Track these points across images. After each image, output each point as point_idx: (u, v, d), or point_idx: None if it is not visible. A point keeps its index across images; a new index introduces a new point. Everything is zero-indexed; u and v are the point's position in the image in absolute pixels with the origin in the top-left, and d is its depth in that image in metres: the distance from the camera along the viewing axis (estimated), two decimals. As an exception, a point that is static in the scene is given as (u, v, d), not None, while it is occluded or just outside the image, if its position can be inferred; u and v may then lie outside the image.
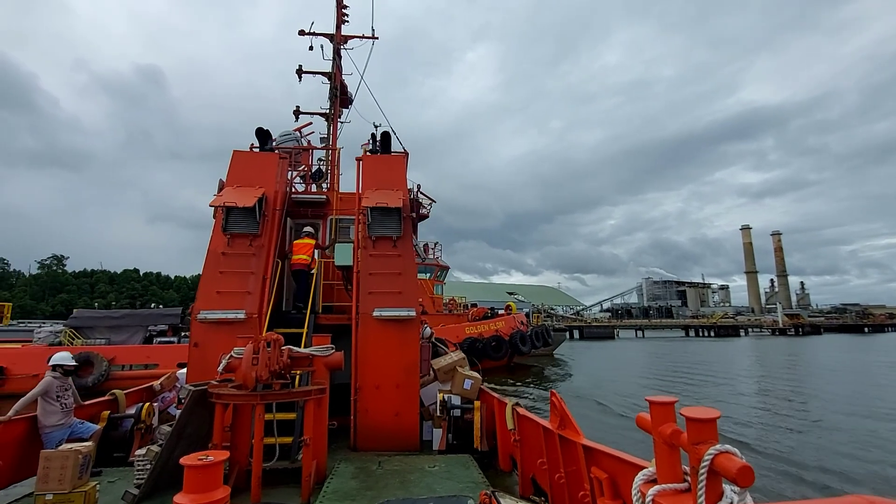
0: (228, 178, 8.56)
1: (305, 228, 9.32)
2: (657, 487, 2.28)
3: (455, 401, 7.67)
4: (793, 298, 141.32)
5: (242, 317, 7.35)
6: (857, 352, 41.46)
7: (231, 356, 5.37)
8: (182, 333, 20.08)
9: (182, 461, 3.55)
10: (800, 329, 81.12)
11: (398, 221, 8.24)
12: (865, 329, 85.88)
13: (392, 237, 8.20)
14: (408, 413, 7.38)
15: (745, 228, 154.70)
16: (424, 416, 7.90)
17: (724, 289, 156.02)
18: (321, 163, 13.71)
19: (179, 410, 5.64)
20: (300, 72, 15.25)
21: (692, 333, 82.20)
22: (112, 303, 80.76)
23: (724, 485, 2.07)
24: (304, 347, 6.13)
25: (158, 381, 8.33)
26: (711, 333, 79.97)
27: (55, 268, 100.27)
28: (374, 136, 9.79)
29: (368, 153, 9.61)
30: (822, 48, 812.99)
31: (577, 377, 24.09)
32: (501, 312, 30.33)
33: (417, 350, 7.76)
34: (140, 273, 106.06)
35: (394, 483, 5.50)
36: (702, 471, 2.02)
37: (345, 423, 7.38)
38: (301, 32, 14.92)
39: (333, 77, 14.92)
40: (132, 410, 7.28)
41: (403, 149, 10.39)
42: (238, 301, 7.50)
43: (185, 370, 7.64)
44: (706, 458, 2.01)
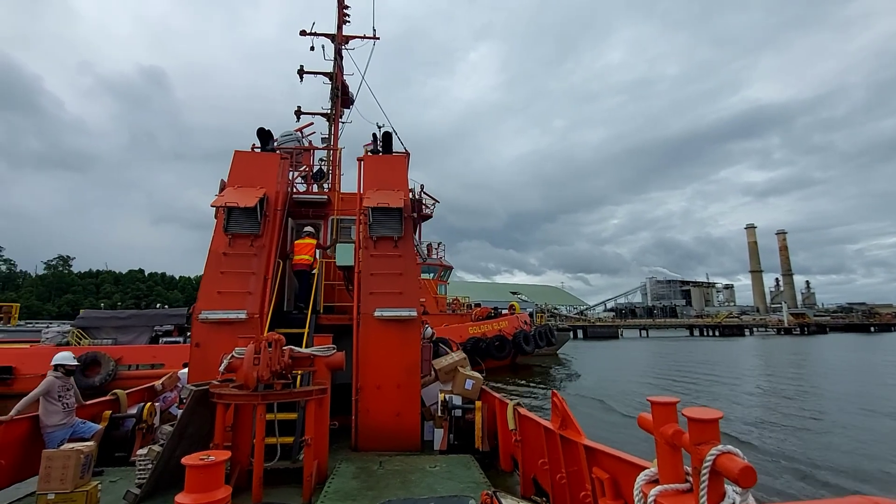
0: (230, 179, 8.57)
1: (306, 228, 9.32)
2: (659, 488, 2.28)
3: (456, 401, 7.66)
4: (798, 298, 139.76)
5: (244, 317, 7.36)
6: (864, 351, 41.23)
7: (232, 356, 5.37)
8: (188, 334, 20.10)
9: (183, 461, 3.56)
10: (805, 328, 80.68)
11: (399, 222, 8.24)
12: (872, 328, 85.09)
13: (393, 237, 8.20)
14: (409, 413, 7.38)
15: (750, 227, 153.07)
16: (426, 417, 7.90)
17: (729, 288, 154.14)
18: (322, 163, 13.75)
19: (181, 410, 5.65)
20: (301, 72, 15.28)
21: (696, 333, 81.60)
22: (118, 303, 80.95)
23: (727, 485, 2.06)
24: (306, 347, 6.14)
25: (160, 381, 8.34)
26: (716, 333, 79.47)
27: (61, 268, 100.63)
28: (376, 137, 9.79)
29: (370, 153, 9.61)
30: (828, 45, 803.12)
31: (581, 377, 24.00)
32: (505, 312, 30.27)
33: (419, 350, 7.75)
34: (145, 273, 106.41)
35: (395, 483, 5.50)
36: (704, 471, 2.02)
37: (346, 424, 7.38)
38: (302, 33, 14.95)
39: (334, 77, 14.95)
40: (134, 410, 7.28)
41: (405, 149, 10.40)
42: (239, 301, 7.51)
43: (187, 370, 7.66)
44: (708, 459, 2.01)
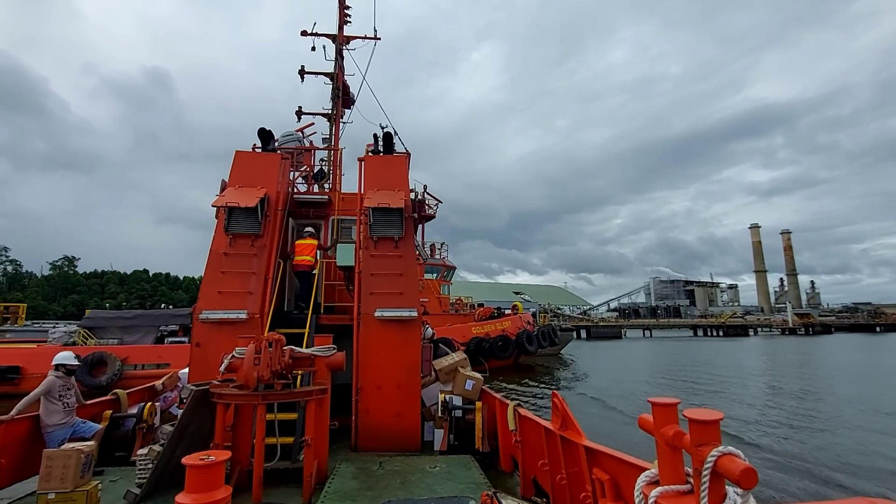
0: (231, 179, 8.58)
1: (307, 229, 9.33)
2: (659, 489, 2.27)
3: (456, 401, 7.65)
4: (803, 298, 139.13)
5: (244, 317, 7.36)
6: (869, 351, 41.00)
7: (233, 356, 5.37)
8: (193, 334, 20.20)
9: (184, 461, 3.56)
10: (810, 328, 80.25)
11: (400, 222, 8.24)
12: (877, 328, 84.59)
13: (394, 238, 8.20)
14: (409, 413, 7.38)
15: (754, 227, 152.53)
16: (426, 417, 7.89)
17: (733, 288, 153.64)
18: (323, 163, 13.76)
19: (181, 410, 5.65)
20: (302, 72, 15.31)
21: (700, 333, 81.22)
22: (122, 303, 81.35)
23: (728, 487, 2.06)
24: (306, 348, 6.14)
25: (160, 381, 8.34)
26: (720, 333, 79.00)
27: (66, 269, 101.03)
28: (377, 137, 9.79)
29: (371, 153, 9.62)
30: (833, 43, 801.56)
31: (584, 377, 23.94)
32: (508, 312, 30.26)
33: (419, 350, 7.75)
34: (149, 274, 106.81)
35: (395, 483, 5.50)
36: (705, 473, 2.01)
37: (346, 424, 7.38)
38: (303, 33, 14.97)
39: (335, 77, 14.97)
40: (134, 410, 7.28)
41: (405, 149, 10.40)
42: (240, 301, 7.51)
43: (187, 370, 7.66)
44: (709, 460, 2.01)
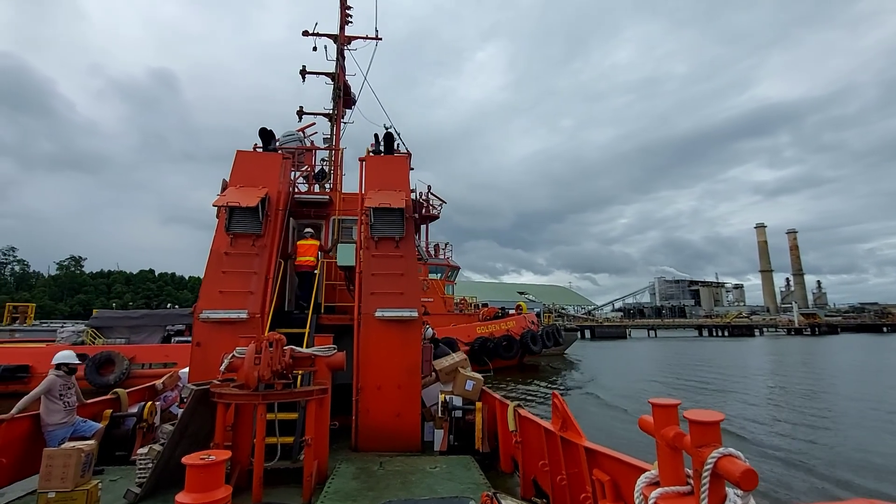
0: (232, 178, 8.58)
1: (306, 230, 9.34)
2: (660, 490, 2.27)
3: (457, 402, 7.64)
4: (809, 298, 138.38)
5: (245, 316, 7.37)
6: (876, 352, 40.75)
7: (233, 356, 5.38)
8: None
9: (184, 460, 3.56)
10: (816, 329, 79.64)
11: (401, 222, 8.24)
12: (884, 329, 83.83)
13: (394, 238, 8.20)
14: (409, 414, 7.38)
15: (760, 226, 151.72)
16: (426, 417, 7.89)
17: (739, 288, 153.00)
18: (324, 163, 13.77)
19: (181, 410, 5.65)
20: (304, 72, 15.33)
21: (705, 333, 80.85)
22: (129, 303, 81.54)
23: (728, 488, 2.06)
24: (307, 347, 6.14)
25: (161, 380, 8.35)
26: (725, 333, 78.57)
27: (73, 269, 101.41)
28: (378, 137, 9.80)
29: (371, 153, 9.63)
30: (838, 42, 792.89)
31: (590, 376, 23.87)
32: (512, 312, 30.23)
33: (419, 351, 7.75)
34: (155, 274, 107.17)
35: (395, 484, 5.50)
36: (705, 474, 2.01)
37: (346, 424, 7.38)
38: (305, 33, 14.99)
39: (336, 77, 14.98)
40: (134, 409, 7.29)
41: (406, 150, 10.40)
42: (240, 301, 7.51)
43: (187, 369, 7.67)
44: (709, 461, 2.00)
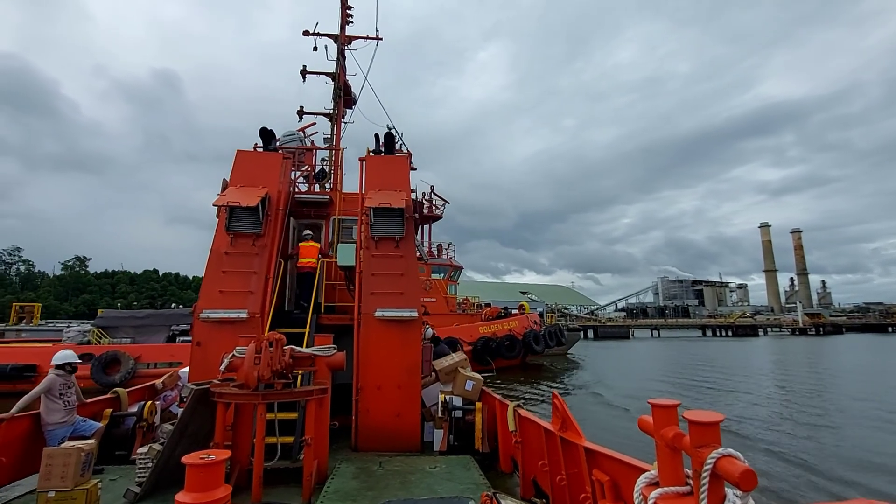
0: (232, 178, 8.58)
1: (305, 232, 9.35)
2: (659, 490, 2.27)
3: (456, 402, 7.64)
4: (814, 297, 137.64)
5: (245, 316, 7.37)
6: (881, 352, 40.65)
7: (233, 355, 5.37)
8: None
9: (184, 460, 3.56)
10: (820, 329, 79.50)
11: (401, 222, 8.24)
12: (889, 328, 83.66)
13: (394, 238, 8.20)
14: (409, 414, 7.38)
15: (764, 226, 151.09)
16: (426, 417, 7.89)
17: (743, 288, 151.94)
18: (324, 163, 13.78)
19: (181, 409, 5.65)
20: (304, 72, 15.33)
21: (709, 333, 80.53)
22: (133, 303, 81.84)
23: (727, 488, 2.06)
24: (306, 347, 6.14)
25: (160, 380, 8.35)
26: (729, 333, 78.30)
27: (78, 269, 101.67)
28: (378, 137, 9.80)
29: (372, 153, 9.63)
30: (843, 41, 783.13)
31: (593, 376, 23.86)
32: (515, 312, 30.21)
33: (419, 351, 7.76)
34: (159, 273, 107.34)
35: (395, 484, 5.50)
36: (704, 474, 2.01)
37: (346, 424, 7.38)
38: (305, 33, 15.00)
39: (337, 77, 14.98)
40: (134, 409, 7.29)
41: (406, 150, 10.40)
42: (240, 300, 7.52)
43: (187, 369, 7.67)
44: (709, 462, 2.01)
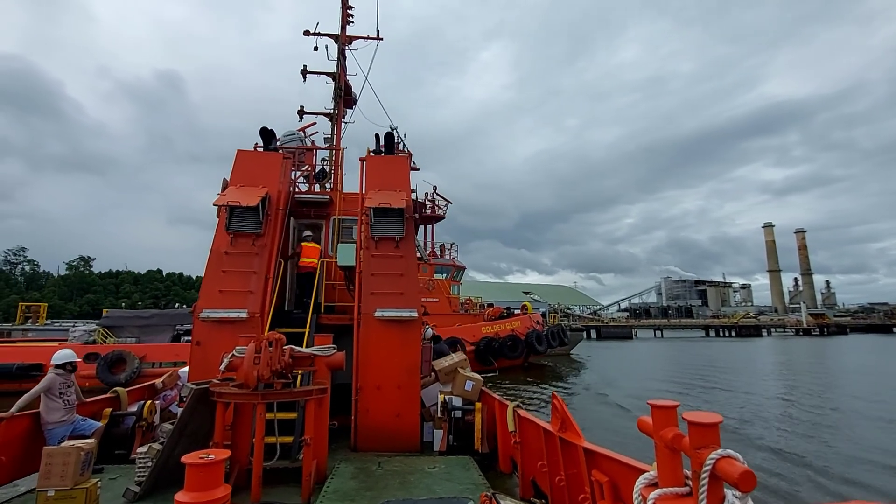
0: (232, 178, 8.59)
1: (305, 233, 9.35)
2: (658, 491, 2.28)
3: (456, 402, 7.64)
4: (818, 298, 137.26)
5: (245, 316, 7.37)
6: (886, 352, 40.54)
7: (233, 355, 5.37)
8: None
9: (183, 459, 3.57)
10: (824, 329, 79.13)
11: (401, 222, 8.25)
12: (894, 329, 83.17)
13: (395, 238, 8.21)
14: (409, 414, 7.38)
15: (768, 226, 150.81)
16: (425, 417, 7.89)
17: (746, 288, 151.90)
18: (325, 163, 13.78)
19: (181, 409, 5.66)
20: (305, 72, 15.32)
21: (713, 333, 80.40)
22: (137, 303, 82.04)
23: (726, 489, 2.06)
24: (306, 347, 6.14)
25: (160, 380, 8.35)
26: (732, 333, 78.09)
27: (82, 269, 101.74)
28: (378, 137, 9.81)
29: (372, 153, 9.64)
30: (849, 40, 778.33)
31: (594, 377, 23.87)
32: (517, 312, 30.23)
33: (419, 351, 7.76)
34: (163, 273, 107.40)
35: (394, 484, 5.50)
36: (703, 475, 2.02)
37: (345, 424, 7.38)
38: (306, 33, 14.99)
39: (337, 77, 14.98)
40: (134, 408, 7.30)
41: (407, 150, 10.40)
42: (240, 300, 7.52)
43: (187, 368, 7.67)
44: (708, 463, 2.01)
